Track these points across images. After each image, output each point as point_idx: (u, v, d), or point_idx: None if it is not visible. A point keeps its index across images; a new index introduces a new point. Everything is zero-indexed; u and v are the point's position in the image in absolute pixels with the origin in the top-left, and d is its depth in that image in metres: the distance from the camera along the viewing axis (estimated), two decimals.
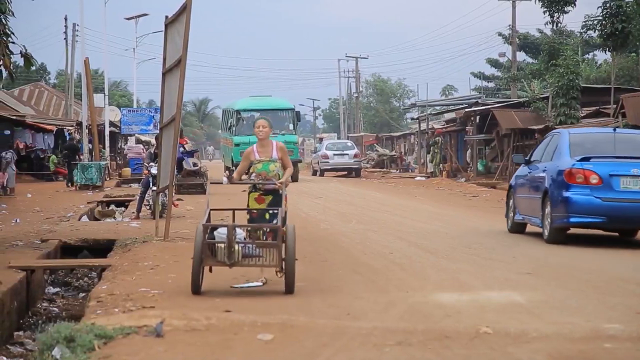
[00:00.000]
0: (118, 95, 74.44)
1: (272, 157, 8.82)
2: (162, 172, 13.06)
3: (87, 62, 35.34)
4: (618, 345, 6.13)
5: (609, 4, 27.12)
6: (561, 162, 12.65)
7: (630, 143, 13.26)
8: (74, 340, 6.09)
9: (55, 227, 15.00)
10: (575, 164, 12.35)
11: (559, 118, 29.67)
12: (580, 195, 12.20)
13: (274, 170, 8.77)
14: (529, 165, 14.05)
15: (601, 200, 12.14)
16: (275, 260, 7.78)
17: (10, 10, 12.23)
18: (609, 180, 12.20)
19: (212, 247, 7.81)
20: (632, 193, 12.17)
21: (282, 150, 8.97)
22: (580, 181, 12.24)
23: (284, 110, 33.89)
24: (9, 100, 41.73)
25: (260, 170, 8.78)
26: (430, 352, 5.87)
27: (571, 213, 12.26)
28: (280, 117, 32.83)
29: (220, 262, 7.83)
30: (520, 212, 13.96)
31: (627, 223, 12.67)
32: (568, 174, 12.30)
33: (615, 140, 13.12)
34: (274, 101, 35.16)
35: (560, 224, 12.44)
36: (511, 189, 14.68)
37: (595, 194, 12.16)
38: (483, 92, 55.19)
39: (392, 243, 12.47)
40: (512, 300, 7.81)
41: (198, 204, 19.61)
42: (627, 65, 41.98)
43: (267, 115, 28.87)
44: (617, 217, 12.28)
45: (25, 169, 33.39)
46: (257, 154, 8.86)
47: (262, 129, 8.85)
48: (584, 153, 12.58)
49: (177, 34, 12.32)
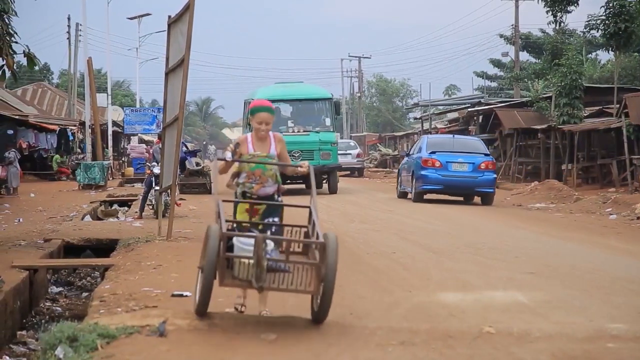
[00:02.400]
0: (121, 95, 74.51)
1: (270, 154, 6.81)
2: (164, 172, 13.06)
3: (90, 61, 35.37)
4: (622, 345, 6.12)
5: (612, 4, 27.08)
6: (421, 154, 21.81)
7: (462, 143, 22.85)
8: (76, 340, 6.09)
9: (58, 227, 15.01)
10: (428, 155, 21.61)
11: (561, 118, 29.68)
12: (430, 173, 21.35)
13: (270, 169, 6.78)
14: (408, 156, 23.51)
15: (441, 177, 21.30)
16: (312, 283, 6.06)
17: (13, 10, 12.24)
18: (446, 165, 21.41)
19: (230, 260, 6.13)
20: (458, 172, 21.44)
21: (282, 143, 6.95)
22: (430, 165, 21.38)
23: (320, 100, 26.28)
24: (12, 100, 41.76)
25: (254, 169, 6.75)
26: (433, 351, 5.86)
27: (424, 184, 21.45)
28: (315, 109, 26.23)
29: (243, 281, 6.10)
30: (402, 185, 23.50)
31: (456, 190, 21.77)
32: (424, 161, 21.46)
33: (454, 141, 22.88)
34: (307, 89, 27.30)
35: (420, 190, 21.62)
36: (399, 172, 24.59)
37: (438, 173, 21.32)
38: (486, 91, 55.17)
39: (395, 243, 12.46)
40: (516, 300, 7.80)
41: (201, 204, 19.63)
42: (631, 65, 41.97)
43: (298, 107, 26.15)
44: (450, 186, 21.47)
45: (28, 168, 33.42)
46: (251, 146, 6.82)
47: (265, 126, 6.80)
48: (434, 148, 21.97)
49: (180, 33, 12.32)
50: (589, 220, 16.94)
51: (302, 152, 23.93)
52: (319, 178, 24.41)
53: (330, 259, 5.94)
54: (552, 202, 21.79)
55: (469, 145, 22.77)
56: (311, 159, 23.56)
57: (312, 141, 24.46)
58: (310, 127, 24.98)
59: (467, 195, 22.09)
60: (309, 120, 25.51)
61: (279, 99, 24.99)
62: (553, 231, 14.59)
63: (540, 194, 23.60)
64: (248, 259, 5.98)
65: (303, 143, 24.19)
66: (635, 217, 16.95)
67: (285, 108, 25.94)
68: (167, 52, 13.09)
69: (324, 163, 24.26)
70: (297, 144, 23.77)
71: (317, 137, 24.60)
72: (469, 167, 21.42)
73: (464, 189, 21.65)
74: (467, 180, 21.36)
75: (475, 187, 21.44)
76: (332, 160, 24.71)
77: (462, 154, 21.71)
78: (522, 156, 34.05)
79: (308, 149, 24.20)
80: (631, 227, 15.58)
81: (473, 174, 21.36)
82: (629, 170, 24.42)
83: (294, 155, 22.83)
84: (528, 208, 20.76)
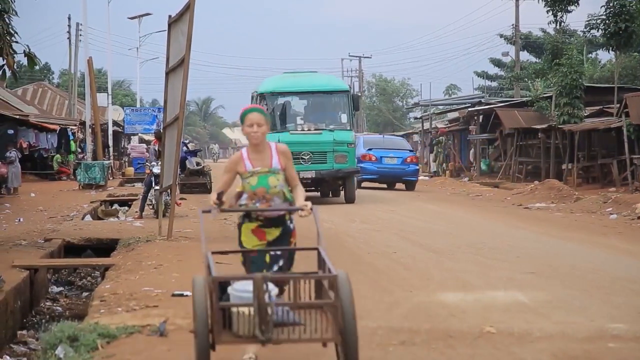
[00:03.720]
0: (121, 94, 74.51)
1: (273, 167, 5.65)
2: (165, 172, 13.07)
3: (91, 61, 35.37)
4: (622, 345, 6.12)
5: (613, 3, 27.08)
6: (360, 150, 26.53)
7: (391, 142, 30.43)
8: (77, 340, 6.09)
9: (59, 227, 15.01)
10: (365, 151, 27.57)
11: (562, 117, 29.67)
12: (367, 166, 27.22)
13: (275, 185, 5.62)
14: None
15: (377, 168, 27.65)
16: (329, 329, 4.89)
17: (13, 9, 12.25)
18: (380, 159, 27.67)
19: (226, 313, 4.85)
20: (390, 165, 27.77)
21: (286, 155, 5.75)
22: (367, 159, 27.41)
23: (336, 93, 21.78)
24: (12, 100, 41.73)
25: (255, 188, 5.59)
26: (434, 351, 5.86)
27: (363, 174, 26.65)
28: (330, 103, 21.96)
29: (244, 337, 4.85)
30: None
31: (388, 179, 28.31)
32: (362, 156, 26.94)
33: (384, 140, 30.47)
34: (320, 80, 22.62)
35: (359, 178, 25.66)
36: None
37: (374, 165, 27.60)
38: (486, 91, 55.14)
39: (395, 242, 12.46)
40: (516, 299, 7.80)
41: (201, 204, 19.63)
42: (631, 65, 41.96)
43: (310, 100, 22.06)
44: (383, 176, 27.95)
45: (28, 168, 33.43)
46: (248, 162, 5.65)
47: (257, 128, 5.60)
48: (370, 146, 28.41)
49: (181, 33, 12.32)
50: (589, 220, 16.93)
51: (313, 154, 20.60)
52: (334, 184, 22.03)
53: (345, 298, 4.82)
54: (552, 202, 21.78)
55: (396, 143, 30.11)
56: (324, 162, 20.66)
57: (325, 141, 20.70)
58: (323, 125, 21.08)
59: (394, 182, 28.73)
60: (322, 116, 21.61)
61: (287, 90, 21.61)
62: (553, 231, 14.58)
63: (541, 194, 23.58)
64: (248, 306, 4.74)
65: (314, 143, 20.62)
66: (636, 216, 16.94)
67: (295, 102, 22.13)
68: (167, 52, 13.09)
69: (339, 167, 20.74)
70: (307, 145, 20.48)
71: (332, 137, 20.76)
72: (398, 160, 27.94)
73: (394, 178, 28.35)
74: (396, 171, 28.02)
75: (403, 176, 28.17)
76: (349, 163, 20.95)
77: (392, 150, 28.35)
78: (523, 156, 34.07)
79: (320, 150, 20.64)
80: (632, 227, 15.57)
81: (401, 166, 28.01)
82: (630, 169, 24.43)
83: (303, 158, 20.32)
84: (528, 208, 20.76)
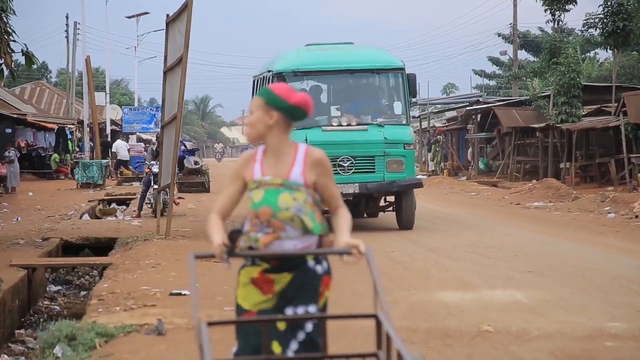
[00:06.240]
0: (119, 93, 74.43)
1: (290, 180, 3.72)
2: (163, 171, 13.06)
3: (89, 60, 35.34)
4: (620, 344, 6.12)
5: (610, 2, 27.06)
6: None
7: None
8: (75, 339, 6.09)
9: (57, 226, 15.00)
10: None
11: (560, 116, 29.66)
12: None
13: (287, 207, 3.70)
14: None
15: None
16: None
17: (11, 8, 12.24)
18: None
19: None
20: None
21: (319, 165, 3.78)
22: None
23: (386, 72, 15.00)
24: (10, 99, 41.67)
25: (258, 207, 3.72)
26: (432, 350, 5.86)
27: None
28: (379, 88, 15.38)
29: None
30: None
31: None
32: None
33: None
34: (362, 54, 15.57)
35: None
36: None
37: None
38: (484, 90, 55.18)
39: (394, 241, 12.45)
40: (515, 299, 7.80)
41: (199, 203, 19.63)
42: (629, 64, 41.97)
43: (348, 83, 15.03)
44: None
45: (26, 167, 33.40)
46: (258, 167, 3.79)
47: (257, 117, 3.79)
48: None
49: (178, 32, 12.32)
50: (587, 219, 16.93)
51: (355, 159, 14.07)
52: (378, 202, 15.85)
53: None
54: (550, 201, 21.79)
55: None
56: (371, 170, 14.20)
57: (372, 141, 14.22)
58: (368, 118, 14.67)
59: None
60: (366, 105, 15.10)
61: (317, 69, 14.87)
62: (551, 230, 14.58)
63: (539, 193, 23.59)
64: None
65: (357, 144, 14.15)
66: (634, 215, 16.94)
67: (327, 85, 15.47)
68: (165, 51, 13.09)
69: (392, 178, 14.19)
70: (347, 146, 14.06)
71: (381, 135, 14.22)
72: None
73: None
74: None
75: None
76: (407, 172, 14.35)
77: None
78: (521, 155, 34.06)
79: (365, 154, 14.18)
80: (629, 226, 15.58)
81: None
82: (627, 168, 24.42)
83: (340, 165, 13.90)
84: (526, 207, 20.77)
